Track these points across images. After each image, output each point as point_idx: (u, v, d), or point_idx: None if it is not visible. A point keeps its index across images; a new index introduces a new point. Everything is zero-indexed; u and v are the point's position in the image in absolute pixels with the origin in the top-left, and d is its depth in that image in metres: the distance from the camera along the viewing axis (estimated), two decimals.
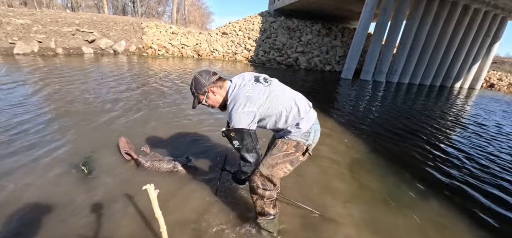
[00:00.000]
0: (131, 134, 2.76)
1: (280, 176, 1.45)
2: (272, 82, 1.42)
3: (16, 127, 2.67)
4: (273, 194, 1.47)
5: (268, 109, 1.35)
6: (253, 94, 1.31)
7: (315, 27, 15.21)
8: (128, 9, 27.50)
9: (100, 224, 1.54)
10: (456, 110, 6.87)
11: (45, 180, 1.88)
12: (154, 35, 11.33)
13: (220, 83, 1.43)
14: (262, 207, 1.49)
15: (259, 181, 1.43)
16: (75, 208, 1.64)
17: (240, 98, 1.30)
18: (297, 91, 1.50)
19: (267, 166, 1.42)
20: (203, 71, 1.44)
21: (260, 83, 1.36)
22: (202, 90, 1.42)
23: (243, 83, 1.38)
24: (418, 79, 12.64)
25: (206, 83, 1.40)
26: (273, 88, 1.37)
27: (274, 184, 1.44)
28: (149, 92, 4.62)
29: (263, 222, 1.55)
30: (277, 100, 1.36)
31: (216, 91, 1.43)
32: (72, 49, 8.73)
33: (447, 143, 3.91)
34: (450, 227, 1.90)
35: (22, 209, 1.59)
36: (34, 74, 5.13)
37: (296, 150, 1.43)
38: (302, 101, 1.44)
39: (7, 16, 8.58)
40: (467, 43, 12.44)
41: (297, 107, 1.39)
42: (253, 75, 1.43)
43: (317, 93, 6.64)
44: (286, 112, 1.38)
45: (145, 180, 1.98)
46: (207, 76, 1.42)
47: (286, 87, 1.47)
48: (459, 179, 2.71)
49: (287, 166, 1.44)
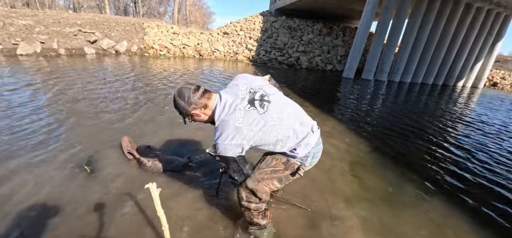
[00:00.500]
0: (134, 133, 2.78)
1: (266, 191, 1.37)
2: (269, 106, 1.22)
3: (19, 127, 2.70)
4: (260, 206, 1.41)
5: (261, 139, 1.22)
6: (243, 126, 1.15)
7: (317, 27, 15.18)
8: (130, 10, 27.62)
9: (102, 222, 1.55)
10: (459, 109, 6.83)
11: (48, 179, 1.90)
12: (155, 35, 11.37)
13: (205, 101, 1.24)
14: (250, 217, 1.45)
15: (243, 193, 1.38)
16: (77, 206, 1.66)
17: (228, 128, 1.15)
18: (299, 110, 1.34)
19: (253, 180, 1.35)
20: (184, 90, 1.23)
21: (255, 110, 1.18)
22: (184, 113, 1.26)
23: (234, 104, 1.19)
24: (420, 78, 12.58)
25: (187, 107, 1.22)
26: (269, 117, 1.20)
27: (259, 198, 1.37)
28: (151, 93, 4.64)
29: (255, 231, 1.52)
30: (272, 131, 1.21)
31: (200, 113, 1.25)
32: (74, 50, 8.79)
33: (450, 141, 3.90)
34: (454, 227, 1.89)
35: (26, 207, 1.61)
36: (37, 75, 5.17)
37: (285, 167, 1.34)
38: (303, 127, 1.29)
39: (10, 17, 8.65)
40: (470, 42, 12.36)
41: (296, 135, 1.27)
42: (247, 92, 1.23)
43: (318, 93, 6.63)
44: (282, 142, 1.27)
45: (147, 179, 1.99)
46: (187, 97, 1.21)
47: (285, 110, 1.26)
48: (463, 178, 2.70)
49: (274, 182, 1.36)
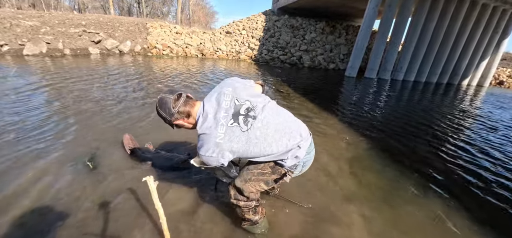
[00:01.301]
0: (135, 131, 2.84)
1: (253, 191, 1.39)
2: (254, 123, 1.17)
3: (24, 125, 2.78)
4: (250, 204, 1.43)
5: (244, 153, 1.20)
6: (224, 142, 1.14)
7: (319, 25, 15.13)
8: (134, 10, 27.84)
9: (104, 216, 1.60)
10: (464, 107, 6.76)
11: (52, 174, 1.96)
12: (158, 35, 11.47)
13: (188, 109, 1.22)
14: (241, 214, 1.47)
15: (232, 191, 1.42)
16: (80, 200, 1.71)
17: (209, 142, 1.14)
18: (288, 122, 1.26)
19: (241, 179, 1.37)
20: (165, 99, 1.21)
21: (237, 127, 1.16)
22: (168, 123, 1.27)
23: (217, 118, 1.16)
24: (424, 77, 12.45)
25: (169, 118, 1.23)
26: (252, 135, 1.16)
27: (247, 197, 1.39)
28: (153, 91, 4.70)
29: (247, 227, 1.55)
30: (255, 147, 1.18)
31: (183, 122, 1.26)
32: (79, 50, 8.92)
33: (454, 140, 3.87)
34: (456, 225, 1.89)
35: (29, 202, 1.66)
36: (43, 74, 5.27)
37: (272, 171, 1.34)
38: (291, 141, 1.23)
39: (17, 18, 8.82)
40: (475, 40, 12.18)
41: (283, 149, 1.22)
42: (233, 103, 1.19)
43: (320, 92, 6.62)
44: (267, 156, 1.24)
45: (147, 175, 2.03)
46: (168, 108, 1.20)
47: (271, 127, 1.20)
48: (466, 178, 2.69)
49: (261, 184, 1.38)
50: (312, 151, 1.38)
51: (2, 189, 1.75)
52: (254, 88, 1.40)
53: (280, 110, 1.31)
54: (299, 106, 4.63)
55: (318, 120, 4.05)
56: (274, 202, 1.88)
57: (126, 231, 1.50)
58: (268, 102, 1.29)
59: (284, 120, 1.26)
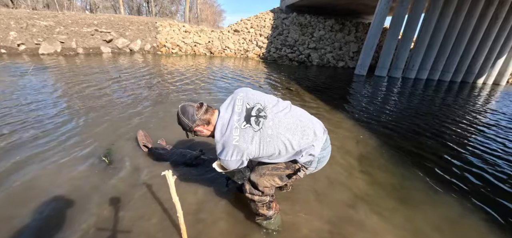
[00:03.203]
0: (149, 127, 2.88)
1: (268, 186, 1.42)
2: (265, 122, 1.23)
3: (41, 121, 2.87)
4: (264, 199, 1.45)
5: (259, 153, 1.26)
6: (240, 144, 1.20)
7: (328, 23, 14.92)
8: (143, 9, 28.24)
9: (120, 208, 1.64)
10: (479, 106, 6.53)
11: (69, 169, 2.02)
12: (168, 34, 11.60)
13: (208, 117, 1.31)
14: (255, 208, 1.50)
15: (247, 185, 1.46)
16: (97, 193, 1.76)
17: (227, 146, 1.21)
18: (300, 121, 1.29)
19: (256, 174, 1.41)
20: (187, 108, 1.30)
21: (250, 127, 1.22)
22: (188, 129, 1.34)
23: (231, 122, 1.23)
24: (437, 75, 12.09)
25: (190, 124, 1.30)
26: (264, 134, 1.22)
27: (261, 192, 1.42)
28: (165, 90, 4.76)
29: (261, 222, 1.56)
30: (268, 145, 1.24)
31: (203, 129, 1.33)
32: (92, 49, 9.14)
33: (468, 140, 3.75)
34: (471, 226, 1.84)
35: (48, 193, 1.72)
36: (58, 72, 5.43)
37: (286, 166, 1.37)
38: (304, 139, 1.26)
39: (32, 18, 9.11)
40: (492, 36, 11.71)
41: (297, 147, 1.26)
42: (244, 108, 1.26)
43: (330, 90, 6.54)
44: (278, 153, 1.27)
45: (161, 170, 2.04)
46: (191, 115, 1.29)
47: (282, 125, 1.25)
48: (482, 177, 2.60)
49: (275, 179, 1.40)
50: (328, 147, 1.38)
51: (21, 180, 1.82)
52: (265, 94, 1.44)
53: (293, 109, 1.33)
54: (308, 105, 4.58)
55: (328, 117, 4.00)
56: (288, 197, 1.87)
57: (142, 224, 1.53)
58: (278, 101, 1.32)
59: (296, 118, 1.28)
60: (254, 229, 1.57)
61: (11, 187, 1.76)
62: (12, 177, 1.86)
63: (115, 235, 1.45)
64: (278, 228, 1.57)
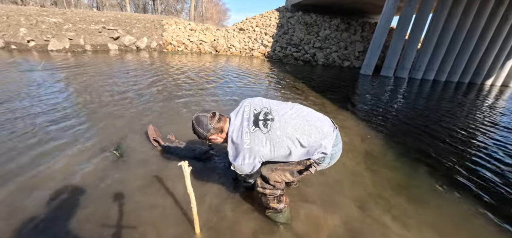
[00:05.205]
0: (158, 122, 2.92)
1: (279, 181, 1.45)
2: (272, 124, 1.28)
3: (53, 115, 2.93)
4: (275, 192, 1.48)
5: (271, 155, 1.30)
6: (252, 146, 1.25)
7: (334, 22, 14.84)
8: (149, 7, 28.46)
9: (132, 200, 1.67)
10: (487, 108, 6.44)
11: (81, 162, 2.06)
12: (173, 32, 11.67)
13: (220, 125, 1.37)
14: (266, 202, 1.52)
15: (259, 180, 1.49)
16: (109, 186, 1.79)
17: (240, 152, 1.27)
18: (308, 120, 1.32)
19: (267, 168, 1.44)
20: (201, 118, 1.36)
21: (259, 131, 1.27)
22: (203, 138, 1.39)
23: (241, 128, 1.29)
24: (444, 76, 11.93)
25: (205, 133, 1.36)
26: (273, 135, 1.26)
27: (272, 186, 1.45)
28: (172, 85, 4.81)
29: (271, 215, 1.58)
30: (279, 146, 1.27)
31: (216, 137, 1.40)
32: (99, 46, 9.25)
33: (477, 141, 3.71)
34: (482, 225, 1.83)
35: (61, 185, 1.77)
36: (67, 68, 5.52)
37: (298, 162, 1.38)
38: (313, 137, 1.29)
39: (41, 15, 9.26)
40: (501, 37, 11.51)
41: (302, 145, 1.28)
42: (252, 113, 1.32)
43: (335, 89, 6.52)
44: (289, 153, 1.30)
45: (171, 164, 2.11)
46: (205, 125, 1.35)
47: (290, 125, 1.29)
48: (490, 178, 2.58)
49: (286, 174, 1.43)
50: (339, 143, 1.40)
51: (36, 172, 1.87)
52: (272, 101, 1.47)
53: (300, 109, 1.37)
54: (314, 104, 4.58)
55: (334, 116, 4.00)
56: (297, 192, 1.89)
57: (153, 214, 1.56)
58: (284, 103, 1.38)
59: (303, 118, 1.32)
60: (264, 222, 1.59)
61: (25, 178, 1.80)
62: (25, 169, 1.91)
63: (126, 226, 1.48)
64: (288, 221, 1.59)
